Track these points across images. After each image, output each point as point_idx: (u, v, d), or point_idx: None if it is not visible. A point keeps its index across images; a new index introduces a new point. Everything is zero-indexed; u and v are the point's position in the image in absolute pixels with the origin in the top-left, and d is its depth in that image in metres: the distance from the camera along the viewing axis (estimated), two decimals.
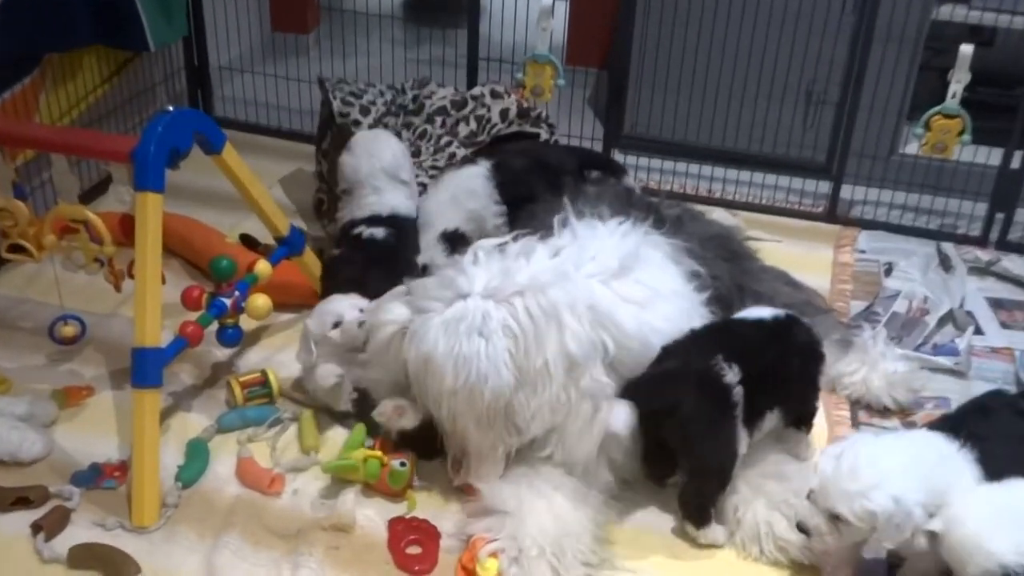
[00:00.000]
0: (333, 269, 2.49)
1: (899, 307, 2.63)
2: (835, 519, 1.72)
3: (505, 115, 2.95)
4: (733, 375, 1.89)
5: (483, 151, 2.84)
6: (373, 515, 2.01)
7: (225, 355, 2.45)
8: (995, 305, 2.69)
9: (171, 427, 2.23)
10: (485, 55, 3.16)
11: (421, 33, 3.90)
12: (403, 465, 2.02)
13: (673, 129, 3.21)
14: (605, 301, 1.96)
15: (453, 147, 2.91)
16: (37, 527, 1.91)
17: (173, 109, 2.08)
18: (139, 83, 3.26)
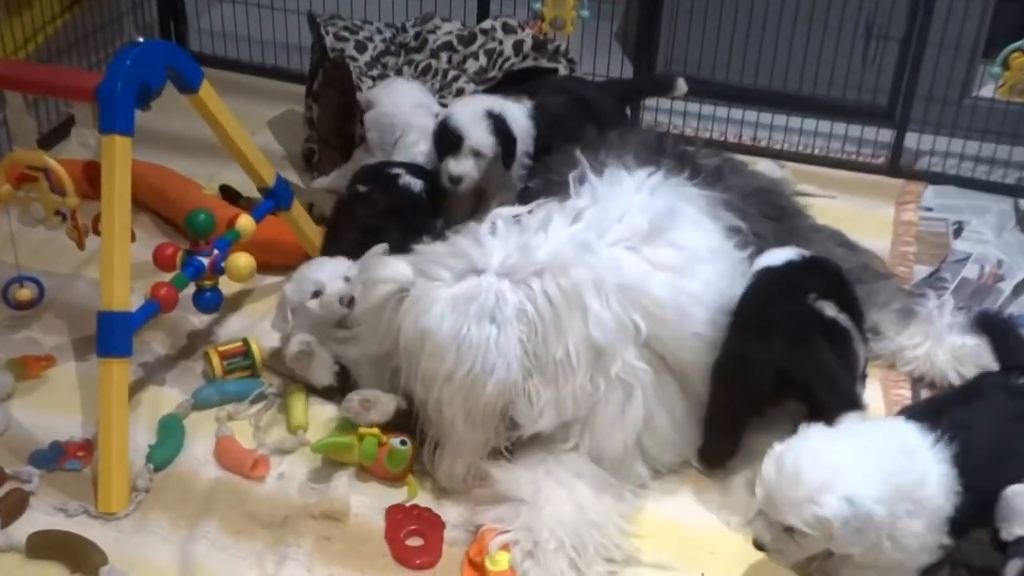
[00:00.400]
0: (350, 209, 2.51)
1: (969, 272, 2.62)
2: (789, 531, 1.68)
3: (519, 48, 2.94)
4: (831, 308, 1.99)
5: (506, 87, 2.84)
6: (369, 502, 2.01)
7: (202, 322, 2.45)
8: None
9: (142, 402, 2.23)
10: None
11: None
12: (404, 444, 2.02)
13: (713, 68, 3.18)
14: (635, 273, 1.96)
15: (461, 82, 2.90)
16: None
17: (143, 41, 2.07)
18: (104, 12, 3.25)
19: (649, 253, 2.00)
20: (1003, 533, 1.70)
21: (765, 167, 2.87)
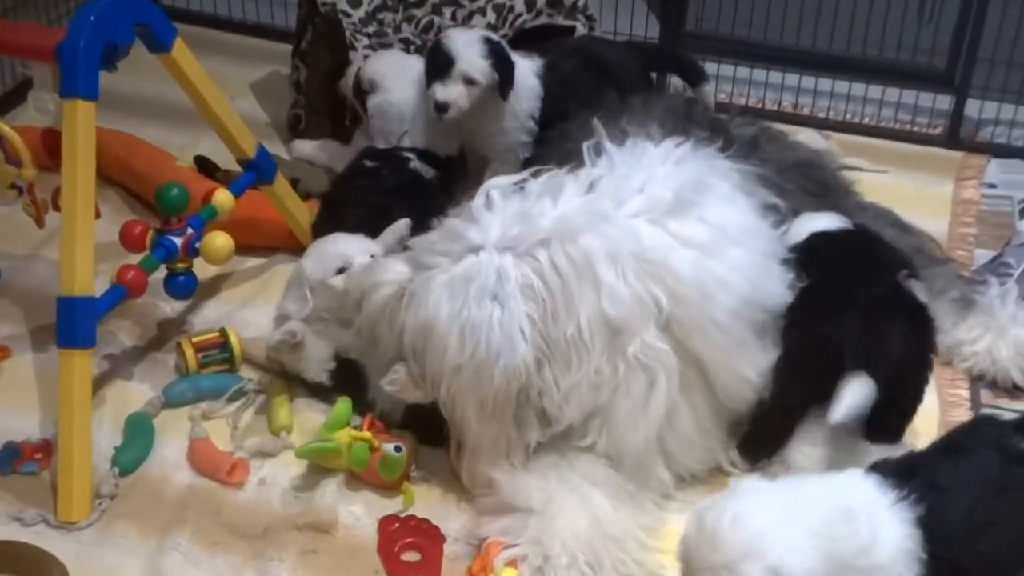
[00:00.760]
0: (354, 184, 2.52)
1: None
2: None
3: (532, 3, 2.93)
4: (923, 291, 2.08)
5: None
6: (360, 512, 2.02)
7: (175, 309, 2.45)
8: None
9: (107, 399, 2.23)
10: None
11: None
12: (398, 450, 2.02)
13: (749, 26, 3.17)
14: (655, 244, 1.96)
15: None
16: None
17: None
18: None
19: (674, 227, 1.99)
20: None
21: (807, 138, 2.86)
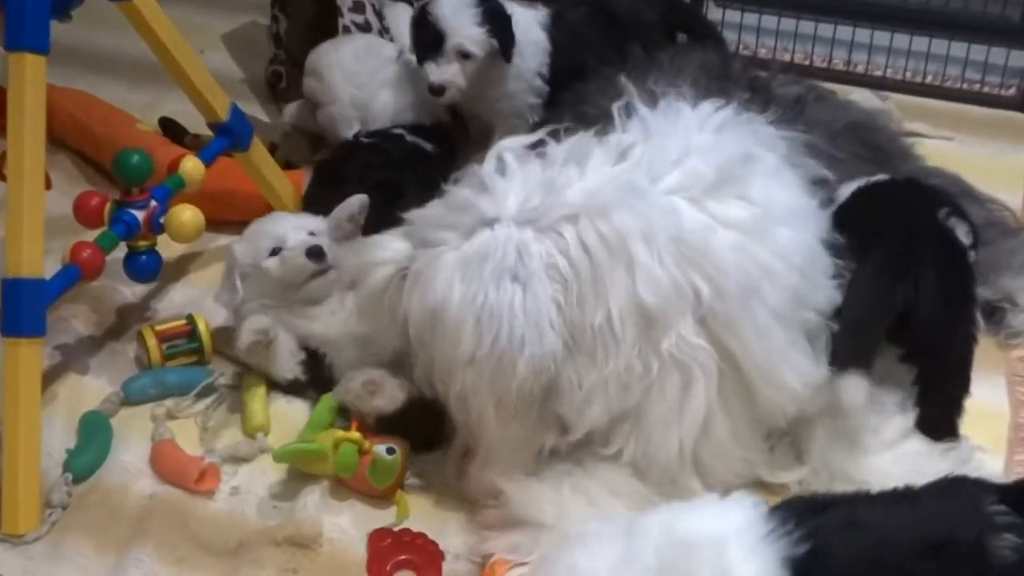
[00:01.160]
0: (355, 160, 2.55)
1: None
2: None
3: None
4: (965, 232, 2.09)
5: None
6: (347, 525, 2.02)
7: (136, 293, 2.46)
8: None
9: (58, 395, 2.24)
10: None
11: None
12: (392, 453, 2.02)
13: None
14: (695, 226, 1.94)
15: None
16: None
17: None
18: None
19: (714, 207, 1.98)
20: None
21: (861, 99, 2.86)
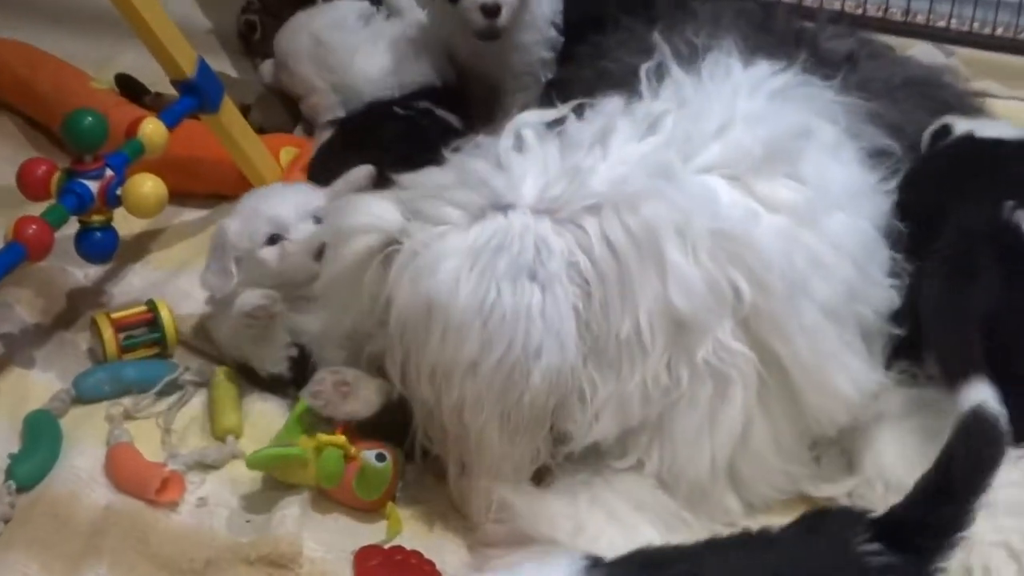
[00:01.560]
0: (384, 132, 2.61)
1: None
2: None
3: None
4: None
5: None
6: (331, 541, 2.01)
7: (89, 276, 2.48)
8: None
9: (0, 392, 2.26)
10: None
11: None
12: (382, 460, 2.01)
13: None
14: (736, 214, 1.94)
15: None
16: None
17: None
18: None
19: (761, 188, 1.98)
20: None
21: (922, 54, 2.89)
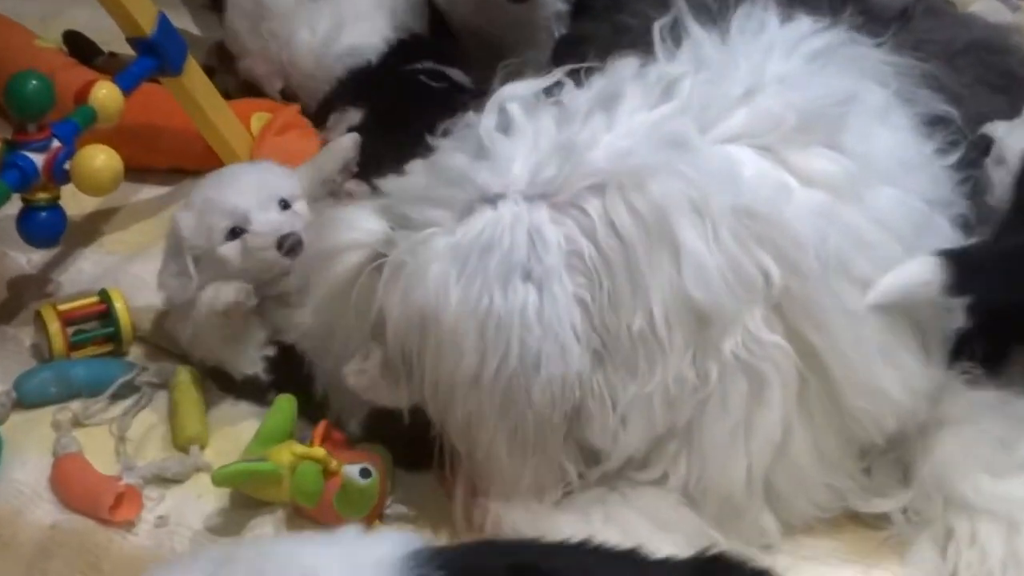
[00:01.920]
0: (409, 101, 2.64)
1: None
2: None
3: None
4: None
5: None
6: None
7: (33, 262, 2.50)
8: None
9: None
10: None
11: None
12: (366, 475, 1.99)
13: None
14: (761, 187, 1.92)
15: None
16: None
17: None
18: None
19: (795, 159, 1.95)
20: None
21: (984, 9, 2.88)
